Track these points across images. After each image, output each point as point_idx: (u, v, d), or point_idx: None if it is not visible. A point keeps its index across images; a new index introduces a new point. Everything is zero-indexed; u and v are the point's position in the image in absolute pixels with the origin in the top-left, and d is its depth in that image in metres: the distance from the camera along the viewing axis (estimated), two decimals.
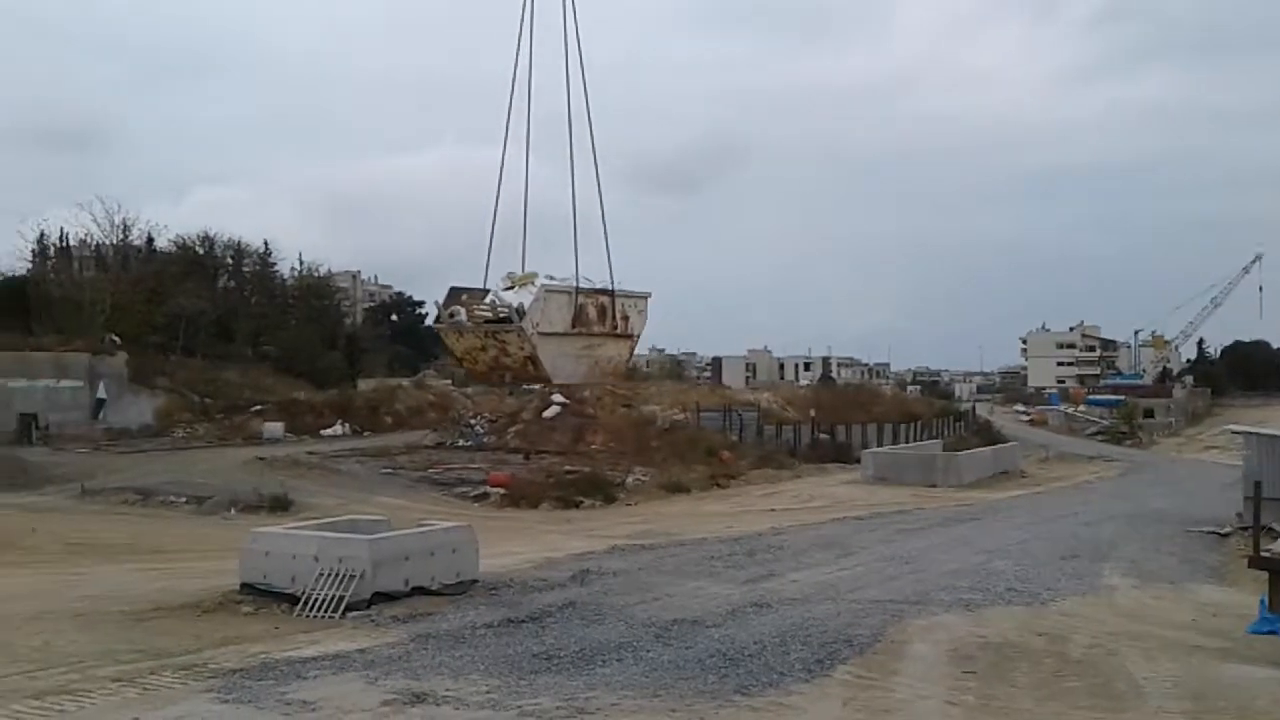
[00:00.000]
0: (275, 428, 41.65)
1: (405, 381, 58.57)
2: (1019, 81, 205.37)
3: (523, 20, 12.05)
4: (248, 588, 11.24)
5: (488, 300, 10.64)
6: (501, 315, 10.42)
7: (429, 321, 10.76)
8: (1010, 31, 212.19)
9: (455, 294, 11.02)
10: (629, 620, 10.33)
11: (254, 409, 47.00)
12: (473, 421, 42.66)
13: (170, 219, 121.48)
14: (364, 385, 57.61)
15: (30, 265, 61.91)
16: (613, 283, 11.71)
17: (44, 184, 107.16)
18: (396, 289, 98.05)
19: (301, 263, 74.17)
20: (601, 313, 11.14)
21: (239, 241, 70.17)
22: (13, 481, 26.81)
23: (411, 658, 8.67)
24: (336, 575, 10.68)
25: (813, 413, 49.09)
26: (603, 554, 15.66)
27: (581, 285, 10.97)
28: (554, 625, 10.05)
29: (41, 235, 63.25)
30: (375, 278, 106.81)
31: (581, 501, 27.08)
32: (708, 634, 9.79)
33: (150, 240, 66.25)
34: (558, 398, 42.01)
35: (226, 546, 17.59)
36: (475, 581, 12.03)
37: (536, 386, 58.08)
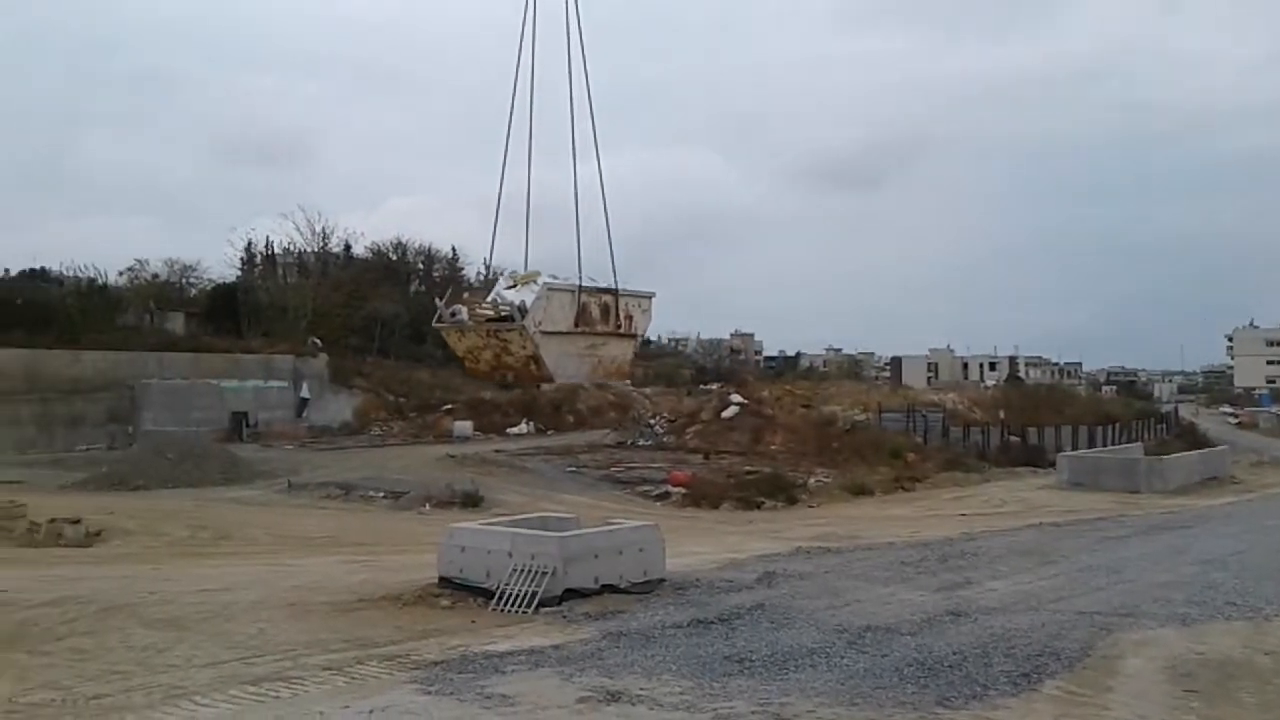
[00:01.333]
0: (465, 426, 43.00)
1: (586, 381, 59.58)
2: (1219, 65, 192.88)
3: (525, 17, 11.63)
4: (445, 582, 11.57)
5: (490, 299, 10.88)
6: (503, 314, 10.59)
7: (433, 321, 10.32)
8: (1208, 12, 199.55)
9: (457, 292, 11.28)
10: (819, 625, 10.13)
11: (444, 408, 48.60)
12: (652, 421, 42.95)
13: (365, 227, 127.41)
14: (546, 385, 58.86)
15: (240, 273, 66.05)
16: (616, 281, 11.59)
17: (252, 197, 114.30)
18: None
19: (487, 266, 76.50)
20: (605, 312, 11.31)
21: (429, 247, 73.06)
22: (226, 476, 28.60)
23: (604, 655, 8.72)
24: (529, 571, 10.88)
25: (1001, 414, 47.35)
26: (787, 556, 15.46)
27: (585, 284, 11.02)
28: (743, 627, 9.95)
29: (249, 244, 67.45)
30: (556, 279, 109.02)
31: (763, 502, 26.91)
32: (903, 642, 9.49)
33: (348, 247, 69.80)
34: (736, 398, 41.93)
35: (422, 540, 18.27)
36: (662, 581, 12.05)
37: (714, 387, 58.25)
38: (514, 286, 10.71)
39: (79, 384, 40.65)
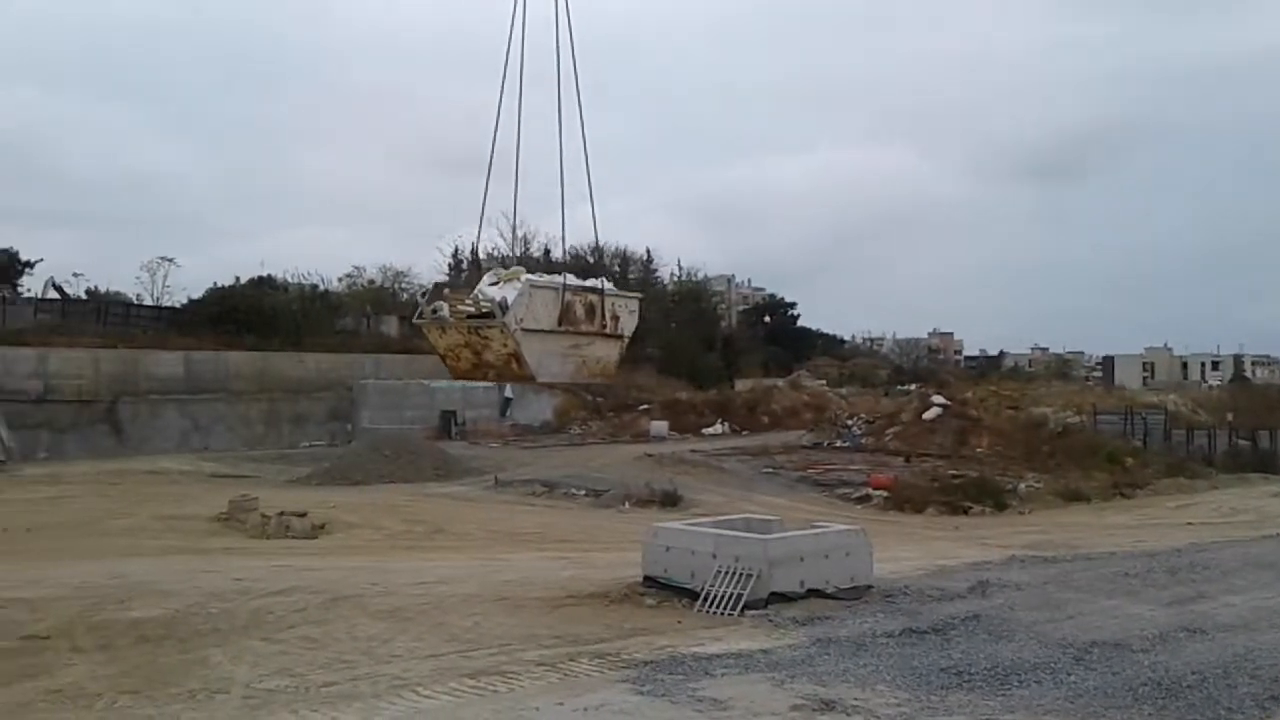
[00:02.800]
0: (661, 426, 43.38)
1: (780, 382, 59.10)
2: None
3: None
4: (650, 581, 11.61)
5: (471, 296, 10.36)
6: (484, 310, 10.05)
7: (415, 318, 10.38)
8: None
9: (438, 289, 10.91)
10: (1041, 639, 9.62)
11: (640, 408, 49.20)
12: (849, 422, 42.19)
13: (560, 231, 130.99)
14: (741, 385, 58.75)
15: (447, 278, 68.68)
16: (603, 281, 11.20)
17: (459, 206, 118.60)
18: (769, 291, 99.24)
19: (680, 268, 77.09)
20: (590, 311, 10.63)
21: (624, 250, 74.07)
22: (438, 472, 29.79)
23: (814, 662, 8.54)
24: (733, 573, 10.79)
25: (1229, 416, 44.13)
26: (1000, 564, 14.80)
27: (569, 283, 10.54)
28: (959, 638, 9.56)
29: (456, 250, 70.03)
30: (749, 281, 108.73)
31: (970, 507, 25.96)
32: (1134, 659, 8.91)
33: (547, 251, 71.53)
34: (938, 399, 40.69)
35: (624, 538, 18.48)
36: (870, 587, 11.74)
37: (912, 388, 56.72)
38: (497, 283, 10.70)
39: (303, 384, 43.24)
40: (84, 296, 49.42)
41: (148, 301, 51.67)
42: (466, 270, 72.29)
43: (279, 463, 34.50)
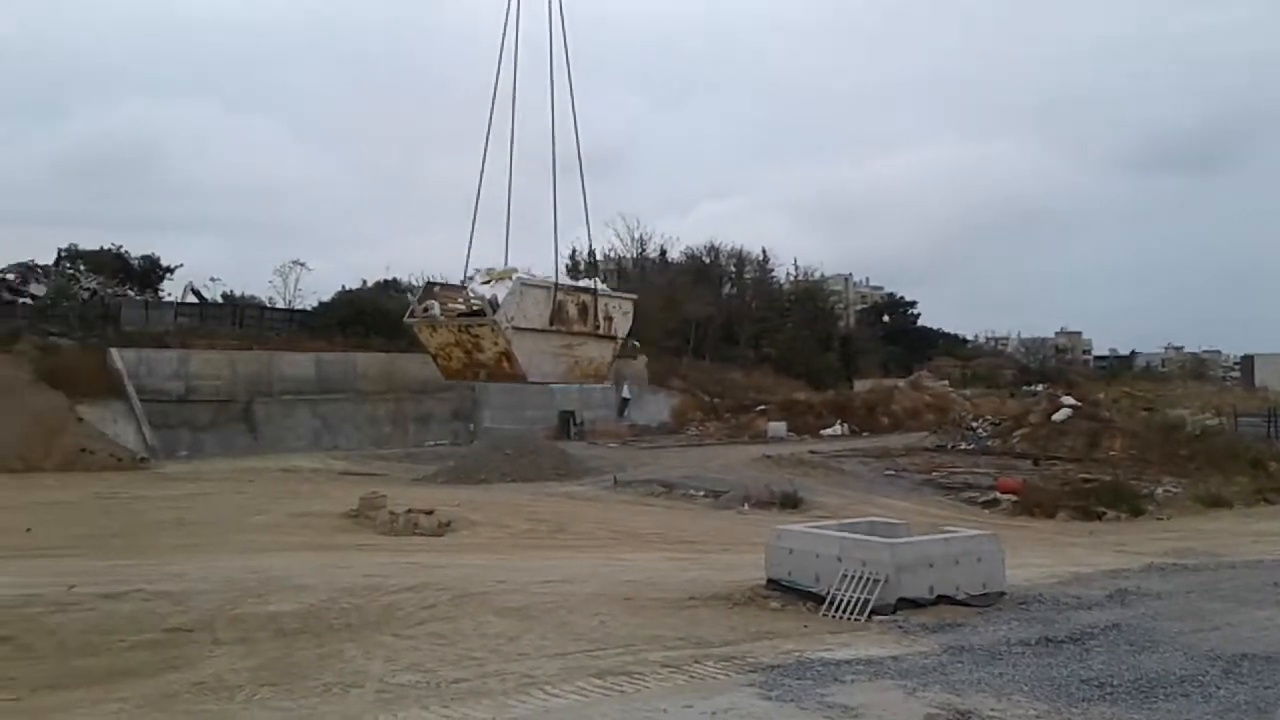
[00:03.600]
0: (779, 427, 43.05)
1: (900, 382, 58.05)
2: None
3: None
4: (773, 583, 11.49)
5: (463, 294, 10.43)
6: (475, 309, 10.13)
7: (406, 317, 10.58)
8: None
9: (430, 288, 10.84)
10: (1187, 650, 9.19)
11: (758, 408, 48.92)
12: (974, 424, 41.14)
13: (679, 231, 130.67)
14: (859, 386, 57.92)
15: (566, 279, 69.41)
16: (596, 282, 11.09)
17: (575, 206, 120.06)
18: (887, 290, 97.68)
19: (797, 267, 76.49)
20: (583, 311, 10.57)
21: (740, 250, 73.87)
22: (558, 471, 30.08)
23: (947, 670, 8.32)
24: (860, 578, 10.59)
25: None
26: (1139, 572, 14.22)
27: (562, 282, 10.61)
28: (1098, 649, 9.19)
29: (573, 252, 70.77)
30: (867, 279, 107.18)
31: (1103, 513, 25.00)
32: None
33: (664, 252, 71.90)
34: (1068, 400, 39.37)
35: (745, 540, 18.37)
36: (1002, 594, 11.40)
37: (1039, 388, 55.06)
38: (489, 282, 10.70)
39: (427, 385, 44.09)
40: (220, 300, 51.43)
41: (280, 305, 53.59)
42: (583, 272, 73.11)
43: (405, 461, 35.34)
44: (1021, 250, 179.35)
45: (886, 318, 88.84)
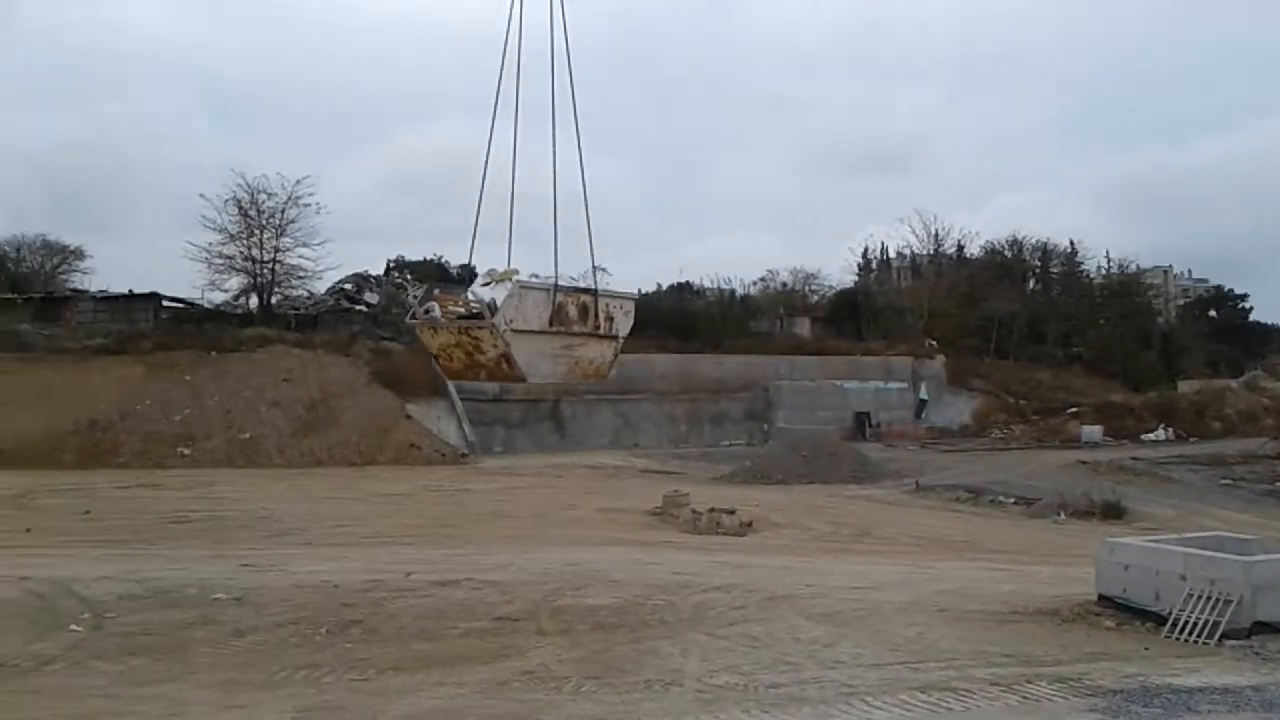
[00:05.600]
0: (1093, 431, 40.47)
1: (1233, 383, 53.00)
2: None
3: None
4: (1105, 600, 10.66)
5: (463, 297, 10.50)
6: (475, 311, 10.12)
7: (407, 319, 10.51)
8: None
9: (430, 291, 10.80)
10: None
11: (1068, 411, 46.29)
12: None
13: (973, 226, 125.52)
14: (1184, 387, 53.38)
15: (857, 278, 68.42)
16: (595, 280, 11.23)
17: (862, 205, 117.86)
18: (1214, 283, 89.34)
19: (1109, 260, 71.58)
20: (583, 312, 10.58)
21: (1045, 243, 69.95)
22: (855, 474, 29.58)
23: None
24: (1208, 598, 9.63)
25: None
26: None
27: (562, 284, 10.66)
28: None
29: (865, 250, 69.64)
30: (1189, 271, 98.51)
31: None
32: None
33: (960, 248, 69.20)
34: None
35: (1063, 551, 17.30)
36: None
37: None
38: (490, 284, 10.16)
39: (721, 385, 44.78)
40: None
41: None
42: (876, 270, 71.64)
43: (702, 460, 35.89)
44: None
45: (1213, 313, 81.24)
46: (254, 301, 47.90)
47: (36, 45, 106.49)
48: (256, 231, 48.12)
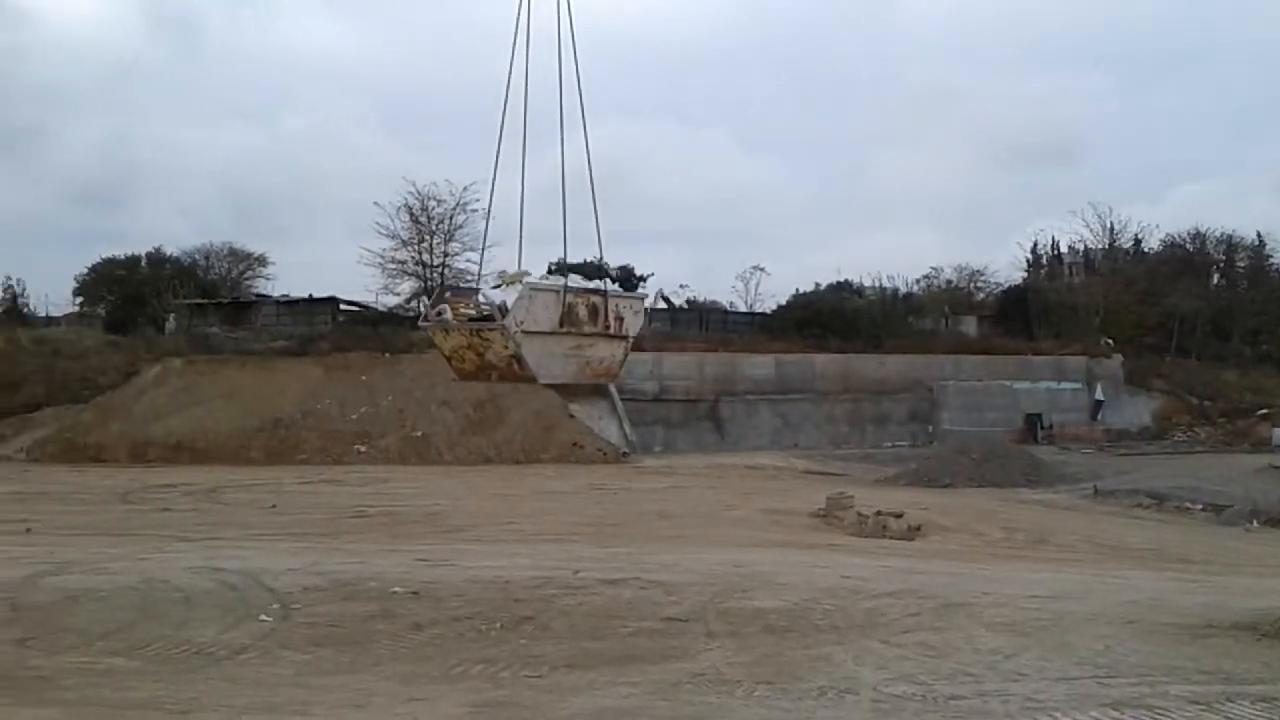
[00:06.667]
0: None
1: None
2: None
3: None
4: None
5: (474, 300, 10.71)
6: (485, 314, 10.24)
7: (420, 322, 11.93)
8: None
9: (441, 293, 10.51)
10: None
11: (1258, 412, 43.74)
12: None
13: (1148, 218, 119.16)
14: None
15: (1026, 274, 66.03)
16: (605, 282, 11.27)
17: (1031, 198, 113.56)
18: None
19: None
20: (593, 312, 10.64)
21: (1230, 235, 66.12)
22: (1028, 478, 28.55)
23: None
24: None
25: None
26: None
27: (571, 285, 10.70)
28: None
29: (1034, 245, 67.13)
30: None
31: None
32: None
33: (1137, 241, 65.95)
34: None
35: (1256, 561, 16.33)
36: None
37: None
38: (500, 286, 9.73)
39: (884, 385, 43.95)
40: (686, 305, 54.48)
41: (741, 308, 55.76)
42: (1046, 266, 68.90)
43: (864, 462, 35.31)
44: None
45: None
46: (424, 304, 49.54)
47: (219, 66, 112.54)
48: (427, 237, 49.96)
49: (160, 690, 7.82)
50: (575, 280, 11.22)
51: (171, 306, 47.13)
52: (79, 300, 57.02)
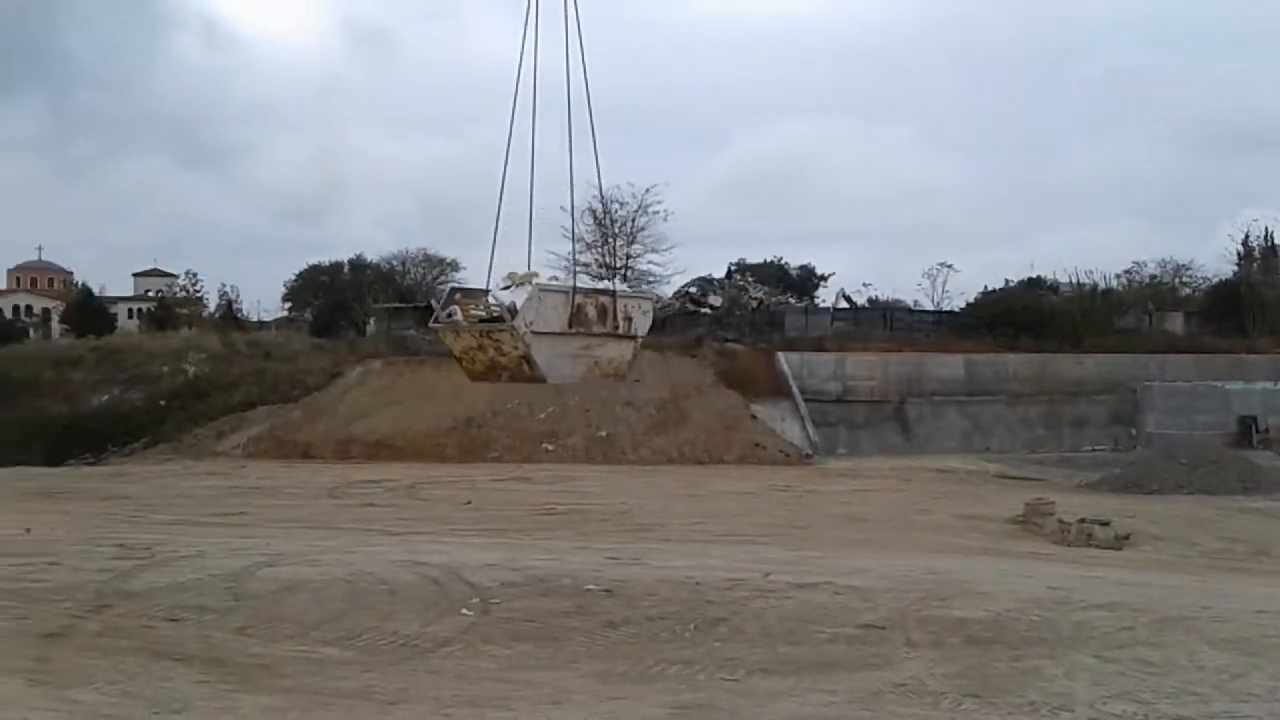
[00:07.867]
0: None
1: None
2: None
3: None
4: None
5: (484, 300, 10.81)
6: (495, 315, 10.36)
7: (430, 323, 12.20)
8: None
9: (453, 294, 11.12)
10: None
11: None
12: None
13: None
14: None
15: (1237, 267, 61.84)
16: (614, 283, 8.58)
17: (1241, 187, 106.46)
18: None
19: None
20: (602, 313, 10.79)
21: None
22: (1245, 485, 26.71)
23: None
24: None
25: None
26: None
27: (580, 285, 11.06)
28: None
29: (1246, 237, 62.82)
30: None
31: None
32: None
33: None
34: None
35: None
36: None
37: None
38: (509, 287, 8.94)
39: (1082, 386, 41.93)
40: (869, 304, 53.40)
41: (927, 307, 54.20)
42: (1260, 259, 64.20)
43: (1061, 466, 33.80)
44: None
45: None
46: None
47: (412, 81, 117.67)
48: (610, 240, 50.73)
49: (371, 680, 8.14)
50: (583, 281, 11.42)
51: (371, 310, 49.34)
52: (288, 305, 60.63)
